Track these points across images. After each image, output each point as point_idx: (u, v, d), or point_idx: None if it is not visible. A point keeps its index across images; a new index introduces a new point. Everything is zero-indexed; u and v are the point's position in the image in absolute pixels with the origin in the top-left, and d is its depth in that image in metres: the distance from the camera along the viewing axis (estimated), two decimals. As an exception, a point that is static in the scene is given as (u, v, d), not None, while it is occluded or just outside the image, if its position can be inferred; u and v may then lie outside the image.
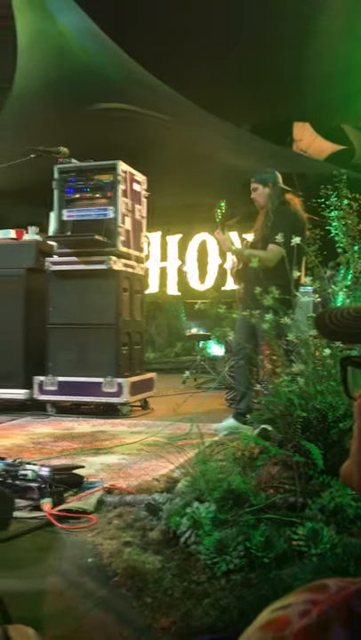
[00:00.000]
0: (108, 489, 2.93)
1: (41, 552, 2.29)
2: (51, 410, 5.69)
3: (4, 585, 1.89)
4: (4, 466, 2.97)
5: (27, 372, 5.74)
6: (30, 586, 1.98)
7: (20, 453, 3.82)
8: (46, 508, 2.66)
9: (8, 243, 5.99)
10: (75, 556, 2.24)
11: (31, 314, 5.82)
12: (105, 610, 1.81)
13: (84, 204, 5.74)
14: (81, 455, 3.88)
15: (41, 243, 5.94)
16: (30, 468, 2.90)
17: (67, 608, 1.84)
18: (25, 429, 4.91)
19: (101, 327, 5.56)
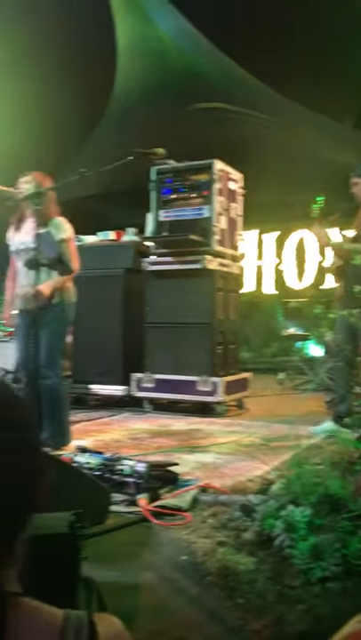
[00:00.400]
0: (203, 488, 2.94)
1: (136, 547, 2.34)
2: (148, 406, 5.80)
3: (100, 576, 1.94)
4: (102, 460, 3.06)
5: (125, 370, 5.89)
6: (126, 579, 2.03)
7: (117, 448, 3.93)
8: (142, 503, 2.72)
9: (107, 244, 6.18)
10: (169, 552, 2.27)
11: (129, 313, 5.97)
12: (198, 608, 1.82)
13: (181, 205, 5.80)
14: (176, 452, 3.92)
15: (139, 243, 6.08)
16: (127, 464, 2.97)
17: (160, 603, 1.87)
18: (123, 425, 5.05)
19: (196, 326, 5.59)
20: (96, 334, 6.00)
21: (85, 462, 3.06)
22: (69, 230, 4.02)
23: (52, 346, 3.90)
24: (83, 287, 5.89)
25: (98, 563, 2.03)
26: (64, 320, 4.03)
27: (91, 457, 3.10)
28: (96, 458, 3.09)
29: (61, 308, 3.97)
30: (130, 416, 5.54)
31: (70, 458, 3.12)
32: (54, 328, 3.92)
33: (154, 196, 5.90)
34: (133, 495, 2.82)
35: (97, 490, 2.57)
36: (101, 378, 5.97)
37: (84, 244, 6.19)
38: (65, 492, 2.28)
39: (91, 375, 6.04)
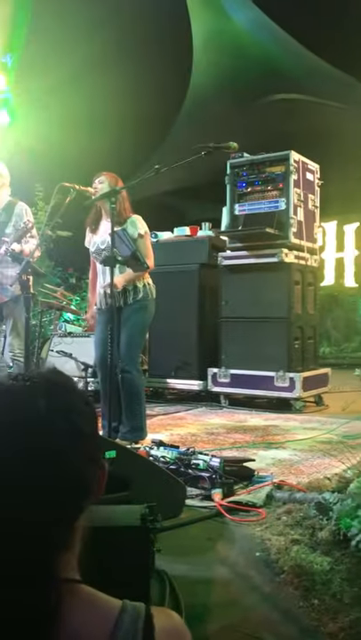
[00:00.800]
0: (278, 484, 2.90)
1: (210, 541, 2.35)
2: (224, 402, 5.80)
3: (174, 569, 1.97)
4: (177, 454, 3.09)
5: (201, 364, 5.92)
6: (199, 573, 2.04)
7: (193, 443, 3.95)
8: (216, 498, 2.72)
9: (183, 240, 6.22)
10: (243, 548, 2.26)
11: (204, 308, 5.99)
12: (271, 606, 1.80)
13: (256, 198, 5.74)
14: (252, 448, 3.90)
15: (214, 238, 6.07)
16: (202, 458, 2.98)
17: (233, 599, 1.86)
18: (199, 419, 5.07)
19: (273, 321, 5.52)
20: (172, 329, 6.06)
21: (161, 456, 3.10)
22: (145, 227, 4.08)
23: (131, 341, 3.98)
24: (159, 283, 5.98)
25: (171, 556, 2.06)
26: (144, 316, 4.10)
27: (166, 451, 3.14)
28: (172, 452, 3.12)
29: (140, 305, 4.03)
30: (206, 411, 5.55)
31: (146, 451, 3.17)
32: (134, 323, 3.99)
33: (229, 189, 5.87)
34: (208, 490, 2.83)
35: (173, 484, 2.59)
36: (178, 372, 6.03)
37: (160, 241, 6.26)
38: (141, 486, 2.34)
39: (167, 370, 6.11)
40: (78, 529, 0.80)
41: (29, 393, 0.79)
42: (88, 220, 4.23)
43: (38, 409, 0.76)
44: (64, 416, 0.78)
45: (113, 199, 3.60)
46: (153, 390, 6.32)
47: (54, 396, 0.79)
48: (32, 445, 0.75)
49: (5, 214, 4.60)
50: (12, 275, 4.48)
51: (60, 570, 0.75)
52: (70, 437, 0.78)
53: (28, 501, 0.73)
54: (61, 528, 0.77)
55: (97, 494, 0.83)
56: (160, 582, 1.88)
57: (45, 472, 0.74)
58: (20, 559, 0.72)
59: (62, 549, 0.77)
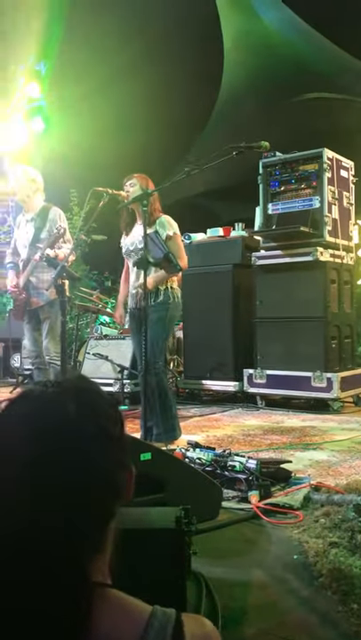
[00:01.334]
0: (316, 486, 2.86)
1: (247, 544, 2.33)
2: (260, 402, 5.76)
3: (210, 572, 1.96)
4: (213, 456, 3.08)
5: (236, 365, 5.89)
6: (235, 576, 2.03)
7: (230, 444, 3.94)
8: (253, 500, 2.70)
9: (216, 240, 6.21)
10: (280, 551, 2.24)
11: (239, 308, 5.96)
12: (308, 610, 1.77)
13: (289, 196, 5.68)
14: (289, 450, 3.86)
15: (247, 238, 6.05)
16: (238, 460, 2.96)
17: (270, 603, 1.84)
18: (235, 421, 5.05)
19: (309, 320, 5.46)
20: (206, 330, 6.05)
21: (197, 458, 3.10)
22: (175, 227, 4.09)
23: (155, 342, 3.98)
24: (192, 284, 6.02)
25: (208, 558, 2.05)
26: (164, 319, 4.09)
27: (202, 452, 3.13)
28: (207, 453, 3.11)
29: (165, 307, 4.04)
30: (242, 412, 5.53)
31: (182, 453, 3.17)
32: (158, 325, 3.99)
33: (262, 189, 5.84)
34: (244, 492, 2.81)
35: (209, 486, 2.58)
36: (213, 373, 6.02)
37: (194, 242, 6.26)
38: (177, 488, 2.34)
39: (203, 371, 6.11)
40: (109, 533, 0.81)
41: (59, 398, 0.79)
42: (122, 222, 4.26)
43: (68, 414, 0.77)
44: (92, 420, 0.79)
45: (145, 202, 3.61)
46: (188, 392, 6.32)
47: (82, 401, 0.80)
48: (62, 450, 0.75)
49: (40, 220, 4.67)
50: (47, 279, 4.54)
51: (91, 574, 0.76)
52: (99, 441, 0.78)
53: (58, 505, 0.74)
54: (92, 532, 0.77)
55: (126, 497, 0.83)
56: (197, 585, 1.88)
57: (75, 475, 0.75)
58: (51, 564, 0.73)
59: (93, 554, 0.78)
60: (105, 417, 0.81)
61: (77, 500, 0.75)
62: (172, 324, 4.26)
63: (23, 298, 4.66)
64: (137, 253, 4.06)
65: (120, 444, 0.83)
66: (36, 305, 4.67)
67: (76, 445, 0.76)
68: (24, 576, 0.72)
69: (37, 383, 0.83)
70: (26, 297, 4.66)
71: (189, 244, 6.16)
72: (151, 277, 3.91)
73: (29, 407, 0.80)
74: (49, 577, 0.72)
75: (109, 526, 0.81)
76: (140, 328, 3.86)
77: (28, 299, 4.66)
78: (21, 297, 4.66)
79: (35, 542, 0.73)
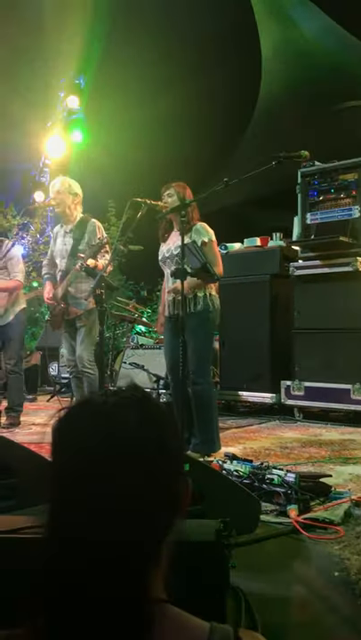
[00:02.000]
0: (357, 501, 2.79)
1: (286, 558, 2.28)
2: (298, 415, 5.68)
3: (249, 587, 1.92)
4: (251, 468, 3.04)
5: (273, 377, 5.82)
6: (275, 591, 1.98)
7: (267, 457, 3.88)
8: (292, 514, 2.65)
9: (253, 250, 6.17)
10: (321, 567, 2.18)
11: (276, 319, 5.90)
12: (351, 629, 1.72)
13: (328, 206, 5.62)
14: (329, 463, 3.78)
15: (285, 248, 6.00)
16: (276, 473, 2.92)
17: (311, 620, 1.80)
18: (273, 433, 4.98)
19: (349, 331, 5.37)
20: (244, 341, 6.01)
21: (234, 470, 3.06)
22: (211, 233, 4.08)
23: (201, 352, 3.97)
24: (229, 294, 5.98)
25: (246, 572, 2.01)
26: (210, 326, 4.08)
27: (240, 464, 3.10)
28: (245, 466, 3.07)
29: (206, 315, 4.02)
30: (279, 424, 5.46)
31: (219, 465, 3.14)
32: (202, 334, 3.97)
33: (300, 198, 5.79)
34: (283, 505, 2.76)
35: (247, 498, 2.54)
36: (250, 385, 5.96)
37: (231, 252, 6.24)
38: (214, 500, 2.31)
39: (239, 382, 6.06)
40: (166, 546, 0.79)
41: (120, 408, 0.79)
42: (160, 230, 4.27)
43: (129, 424, 0.77)
44: (153, 431, 0.78)
45: (183, 212, 3.62)
46: (225, 403, 6.28)
47: (143, 411, 0.79)
48: (123, 460, 0.75)
49: (79, 231, 4.73)
50: (85, 289, 4.59)
51: (150, 589, 0.75)
52: (160, 452, 0.77)
53: (119, 516, 0.73)
54: (153, 544, 0.76)
55: (184, 510, 0.81)
56: (235, 600, 1.84)
57: (136, 486, 0.74)
58: (112, 579, 0.72)
59: (152, 568, 0.76)
60: (165, 428, 0.80)
61: (138, 511, 0.74)
62: (213, 331, 4.24)
63: (61, 308, 4.71)
64: (172, 260, 4.06)
65: (178, 455, 0.81)
66: (75, 314, 4.72)
67: (137, 456, 0.75)
68: (88, 592, 0.72)
69: (95, 393, 0.83)
70: (64, 307, 4.71)
71: (226, 253, 6.14)
72: (185, 284, 3.90)
73: (90, 417, 0.79)
74: (109, 592, 0.72)
75: (167, 539, 0.79)
76: (176, 336, 3.85)
77: (66, 308, 4.71)
78: (59, 307, 4.72)
79: (95, 556, 0.72)
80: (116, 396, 0.81)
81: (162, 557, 0.78)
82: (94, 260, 4.39)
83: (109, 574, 0.72)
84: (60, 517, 0.76)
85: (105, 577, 0.72)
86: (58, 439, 0.79)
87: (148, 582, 0.75)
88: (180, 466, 0.82)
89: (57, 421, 0.80)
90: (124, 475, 0.74)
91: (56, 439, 0.79)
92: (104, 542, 0.72)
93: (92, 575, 0.72)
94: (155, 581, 0.76)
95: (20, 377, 5.39)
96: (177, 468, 0.81)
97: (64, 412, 0.81)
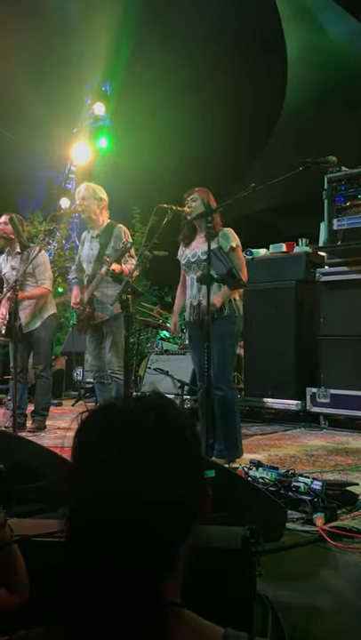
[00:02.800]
0: (385, 510, 2.76)
1: (313, 567, 2.25)
2: (324, 422, 5.62)
3: (275, 595, 1.90)
4: (277, 476, 3.02)
5: (298, 383, 5.77)
6: (302, 600, 1.96)
7: (293, 464, 3.85)
8: (319, 522, 2.62)
9: (279, 256, 6.14)
10: (349, 576, 2.15)
11: (302, 325, 5.85)
12: (381, 641, 1.69)
13: (355, 212, 5.56)
14: (355, 472, 3.73)
15: (311, 254, 5.95)
16: (303, 481, 2.89)
17: (339, 630, 1.77)
18: (298, 440, 4.94)
19: (376, 338, 5.30)
20: (269, 347, 5.97)
21: (260, 477, 3.04)
22: (237, 239, 4.07)
23: (224, 358, 3.96)
24: (254, 300, 5.96)
25: (272, 580, 2.00)
26: (234, 332, 4.07)
27: (265, 472, 3.08)
28: (271, 473, 3.05)
29: (232, 321, 4.01)
30: (305, 431, 5.41)
31: (245, 472, 3.12)
32: (225, 340, 3.97)
33: (327, 204, 5.74)
34: (309, 514, 2.73)
35: (273, 506, 2.52)
36: (275, 391, 5.92)
37: (256, 258, 6.22)
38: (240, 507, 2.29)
39: (264, 388, 6.02)
40: (182, 552, 0.79)
41: (140, 414, 0.79)
42: (181, 234, 4.27)
43: (149, 430, 0.77)
44: (173, 437, 0.78)
45: (209, 217, 3.62)
46: (249, 409, 6.25)
47: (164, 417, 0.79)
48: (143, 466, 0.75)
49: (105, 236, 4.77)
50: (111, 294, 4.62)
51: (164, 594, 0.74)
52: (179, 459, 0.77)
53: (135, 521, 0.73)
54: (167, 548, 0.76)
55: (202, 518, 0.81)
56: (262, 608, 1.82)
57: (154, 493, 0.74)
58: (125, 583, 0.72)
59: (167, 573, 0.76)
60: (185, 435, 0.80)
61: (154, 517, 0.74)
62: (238, 337, 4.23)
63: (87, 312, 4.75)
64: (198, 265, 4.06)
65: (198, 462, 0.81)
66: (100, 319, 4.75)
67: (157, 462, 0.75)
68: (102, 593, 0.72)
69: (118, 398, 0.83)
70: (90, 311, 4.74)
71: (251, 259, 6.13)
72: (219, 296, 3.90)
73: (111, 422, 0.79)
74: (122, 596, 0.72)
75: (184, 546, 0.79)
76: (202, 343, 3.84)
77: (92, 313, 4.75)
78: (85, 311, 4.75)
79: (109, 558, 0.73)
80: (137, 402, 0.81)
81: (178, 562, 0.78)
82: (119, 265, 4.42)
83: (123, 576, 0.72)
84: (76, 519, 0.77)
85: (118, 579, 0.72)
86: (77, 442, 0.80)
87: (162, 586, 0.75)
88: (198, 472, 0.81)
89: (78, 424, 0.81)
90: (140, 479, 0.74)
91: (76, 442, 0.80)
92: (118, 544, 0.72)
93: (106, 577, 0.72)
94: (169, 585, 0.76)
95: (47, 382, 5.43)
96: (196, 474, 0.80)
97: (85, 416, 0.81)
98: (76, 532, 0.77)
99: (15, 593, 1.23)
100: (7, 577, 1.23)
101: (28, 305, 5.23)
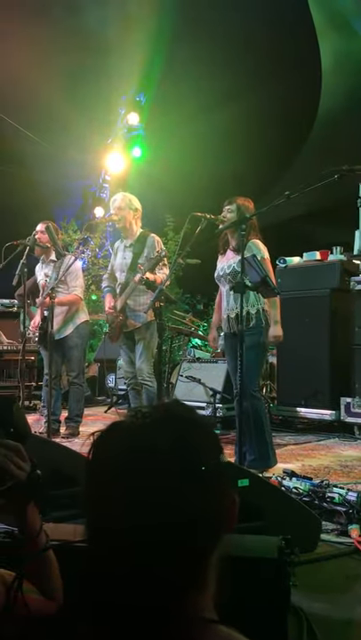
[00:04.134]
0: None
1: (348, 579, 2.22)
2: (358, 433, 5.53)
3: (309, 607, 1.88)
4: (311, 486, 2.98)
5: (333, 393, 5.70)
6: (337, 613, 1.93)
7: (327, 475, 3.80)
8: (354, 534, 2.58)
9: (312, 264, 6.09)
10: (384, 590, 2.11)
11: (336, 333, 5.78)
12: None
13: (391, 220, 5.50)
14: (391, 483, 3.66)
15: (346, 262, 5.89)
16: (337, 492, 2.85)
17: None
18: (332, 451, 4.87)
19: None
20: (302, 356, 5.91)
21: (293, 487, 3.01)
22: (264, 250, 4.06)
23: (250, 368, 3.91)
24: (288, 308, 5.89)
25: (307, 592, 1.97)
26: (260, 342, 4.04)
27: (299, 482, 3.04)
28: (305, 483, 3.02)
29: (258, 331, 3.99)
30: (339, 442, 5.33)
31: (278, 481, 3.09)
32: (253, 349, 3.92)
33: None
34: (344, 525, 2.69)
35: (307, 516, 2.50)
36: (308, 401, 5.85)
37: (290, 266, 6.18)
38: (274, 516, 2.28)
39: (297, 398, 5.96)
40: (211, 567, 0.77)
41: (149, 432, 0.77)
42: (219, 244, 4.28)
43: (157, 449, 0.75)
44: (185, 454, 0.76)
45: (243, 226, 3.61)
46: (282, 419, 6.19)
47: (174, 433, 0.77)
48: (151, 488, 0.73)
49: (139, 245, 4.81)
50: (144, 302, 4.65)
51: (193, 609, 0.74)
52: (192, 476, 0.75)
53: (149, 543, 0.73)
54: (192, 565, 0.75)
55: (228, 527, 0.80)
56: (297, 619, 1.80)
57: (165, 514, 0.73)
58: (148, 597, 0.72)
59: (195, 586, 0.75)
60: (199, 449, 0.78)
61: (166, 538, 0.73)
62: (266, 347, 4.21)
63: (120, 320, 4.79)
64: (232, 277, 4.05)
65: (217, 474, 0.79)
66: (133, 327, 4.78)
67: (166, 483, 0.74)
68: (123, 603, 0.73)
69: (129, 411, 0.82)
70: (122, 319, 4.78)
71: (285, 267, 6.09)
72: (276, 329, 3.97)
73: (119, 442, 0.78)
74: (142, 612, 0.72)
75: (211, 560, 0.77)
76: (235, 353, 3.84)
77: (124, 321, 4.78)
78: (118, 319, 4.79)
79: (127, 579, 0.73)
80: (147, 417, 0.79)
81: (207, 579, 0.77)
82: (152, 274, 4.44)
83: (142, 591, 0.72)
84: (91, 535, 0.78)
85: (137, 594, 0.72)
86: (88, 463, 0.80)
87: (187, 600, 0.74)
88: (219, 485, 0.78)
89: (90, 445, 0.81)
90: (148, 504, 0.73)
91: (87, 463, 0.80)
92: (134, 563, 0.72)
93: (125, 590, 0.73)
94: (201, 601, 0.75)
95: (80, 389, 5.48)
96: (215, 489, 0.77)
97: (96, 437, 0.80)
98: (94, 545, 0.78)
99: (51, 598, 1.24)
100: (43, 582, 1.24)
101: (60, 312, 5.29)
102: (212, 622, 0.74)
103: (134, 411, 0.81)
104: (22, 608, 1.12)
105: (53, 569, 1.27)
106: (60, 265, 5.25)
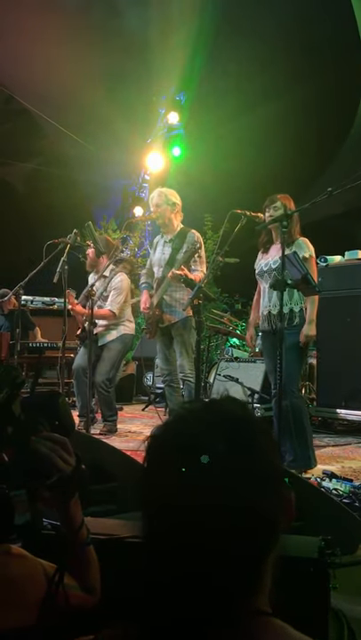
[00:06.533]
0: None
1: (391, 584, 2.16)
2: None
3: (352, 611, 1.84)
4: (351, 488, 2.93)
5: (373, 395, 5.59)
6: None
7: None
8: (396, 538, 2.52)
9: (354, 263, 5.98)
10: None
11: (378, 334, 5.66)
12: None
13: None
14: None
15: (389, 261, 5.76)
16: (379, 494, 2.80)
17: None
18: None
19: None
20: (342, 356, 5.81)
21: (333, 488, 2.97)
22: (312, 250, 4.00)
23: (292, 366, 3.87)
24: (329, 308, 5.82)
25: (347, 595, 1.93)
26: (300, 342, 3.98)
27: (339, 483, 3.00)
28: (345, 485, 2.97)
29: (296, 331, 3.93)
30: (380, 444, 5.22)
31: (317, 482, 3.05)
32: (290, 350, 3.85)
33: None
34: (386, 528, 2.63)
35: (347, 518, 2.45)
36: (349, 402, 5.75)
37: (331, 265, 6.09)
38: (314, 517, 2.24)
39: (337, 399, 5.86)
40: (268, 565, 0.77)
41: (206, 435, 0.75)
42: (260, 242, 4.23)
43: (216, 453, 0.73)
44: (244, 457, 0.75)
45: (285, 223, 3.57)
46: (321, 420, 6.11)
47: (233, 434, 0.76)
48: (211, 492, 0.72)
49: (178, 241, 4.80)
50: (179, 297, 4.65)
51: (253, 602, 0.74)
52: (251, 479, 0.74)
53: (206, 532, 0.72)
54: (253, 563, 0.75)
55: (286, 525, 0.78)
56: (337, 623, 1.76)
57: (225, 517, 0.72)
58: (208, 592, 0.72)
59: (256, 581, 0.75)
60: (258, 450, 0.77)
61: (224, 526, 0.72)
62: (308, 348, 4.15)
63: (156, 315, 4.78)
64: (270, 274, 4.01)
65: (274, 474, 0.78)
66: (169, 322, 4.77)
67: (226, 487, 0.73)
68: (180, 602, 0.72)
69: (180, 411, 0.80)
70: (159, 314, 4.77)
71: (326, 266, 6.00)
72: (310, 329, 3.88)
73: (174, 447, 0.76)
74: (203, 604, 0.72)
75: (270, 555, 0.77)
76: (274, 351, 3.79)
77: (160, 316, 4.78)
78: (154, 314, 4.79)
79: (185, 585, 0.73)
80: (204, 417, 0.78)
81: (264, 572, 0.76)
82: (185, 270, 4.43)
83: (203, 587, 0.72)
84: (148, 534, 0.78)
85: (198, 589, 0.72)
86: (145, 466, 0.79)
87: (251, 595, 0.74)
88: (275, 486, 0.77)
89: (146, 447, 0.80)
90: (208, 509, 0.72)
91: (144, 465, 0.79)
92: (193, 561, 0.72)
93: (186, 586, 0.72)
94: (258, 594, 0.75)
95: (106, 395, 5.33)
96: (271, 490, 0.76)
97: (150, 442, 0.80)
98: (148, 541, 0.78)
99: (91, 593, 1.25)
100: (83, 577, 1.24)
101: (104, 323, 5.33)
102: (267, 615, 0.75)
103: (186, 410, 0.80)
104: (62, 601, 1.12)
105: (93, 564, 1.27)
106: (110, 281, 5.29)
